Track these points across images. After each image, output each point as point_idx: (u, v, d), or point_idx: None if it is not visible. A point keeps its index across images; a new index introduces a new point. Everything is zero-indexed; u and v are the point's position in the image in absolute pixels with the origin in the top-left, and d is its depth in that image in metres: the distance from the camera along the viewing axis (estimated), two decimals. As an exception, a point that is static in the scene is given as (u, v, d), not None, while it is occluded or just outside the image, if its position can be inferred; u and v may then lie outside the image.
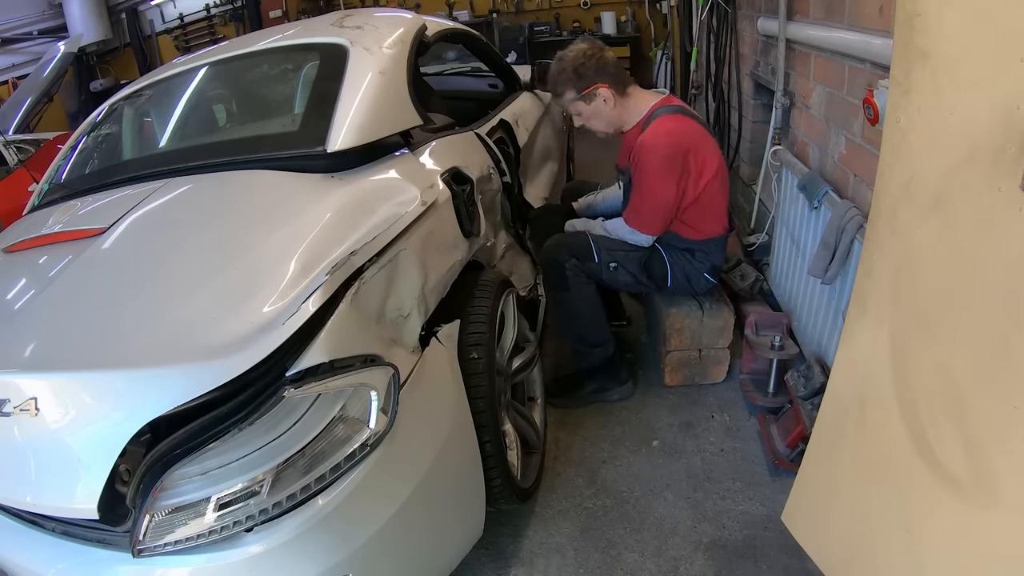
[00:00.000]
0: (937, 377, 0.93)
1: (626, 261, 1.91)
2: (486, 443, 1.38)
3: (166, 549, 0.96)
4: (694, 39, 3.57)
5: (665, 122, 1.78)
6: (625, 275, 1.92)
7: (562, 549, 1.59)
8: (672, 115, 1.81)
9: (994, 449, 0.83)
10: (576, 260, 1.90)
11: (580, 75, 1.81)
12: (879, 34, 1.57)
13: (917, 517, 0.97)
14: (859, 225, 1.56)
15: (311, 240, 1.15)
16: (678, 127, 1.79)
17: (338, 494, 1.02)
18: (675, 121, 1.79)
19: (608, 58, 1.85)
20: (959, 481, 0.88)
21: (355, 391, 1.05)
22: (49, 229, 1.45)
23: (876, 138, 1.57)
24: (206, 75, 1.91)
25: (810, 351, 1.92)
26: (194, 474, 0.96)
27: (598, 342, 2.00)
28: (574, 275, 1.90)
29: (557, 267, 1.91)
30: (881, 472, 1.05)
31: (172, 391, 0.94)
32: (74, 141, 1.94)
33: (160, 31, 6.80)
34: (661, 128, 1.77)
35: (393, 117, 1.57)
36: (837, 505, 1.19)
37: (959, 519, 0.89)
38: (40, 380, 0.99)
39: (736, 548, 1.53)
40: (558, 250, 1.93)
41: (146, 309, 1.08)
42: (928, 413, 0.94)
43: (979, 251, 0.86)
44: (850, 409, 1.13)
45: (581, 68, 1.81)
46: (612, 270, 1.91)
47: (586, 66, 1.80)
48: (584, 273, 1.90)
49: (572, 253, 1.90)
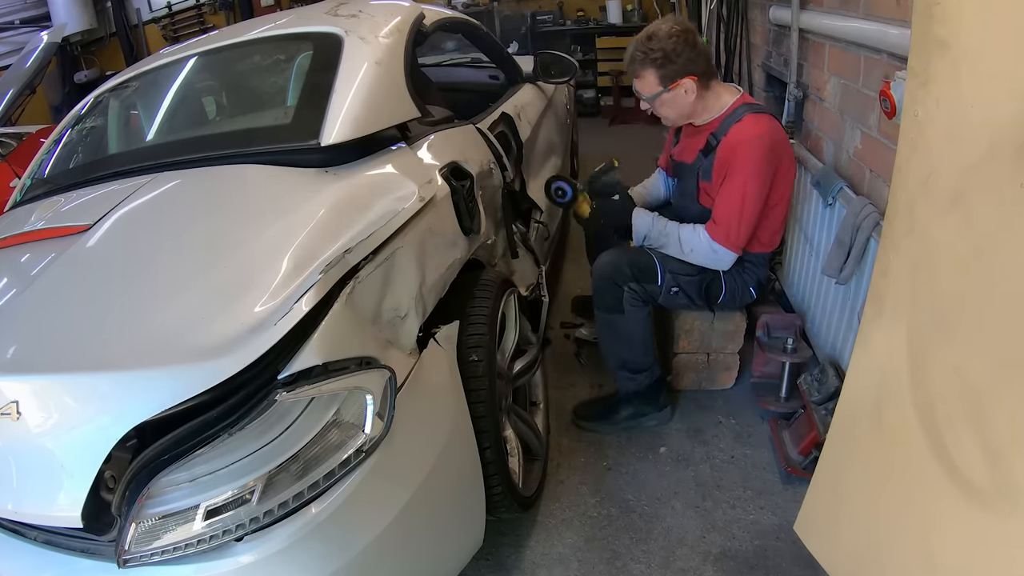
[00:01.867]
0: (956, 380, 0.90)
1: (689, 286, 1.80)
2: (486, 449, 1.35)
3: (153, 559, 0.93)
4: (703, 29, 3.54)
5: (760, 122, 1.67)
6: (683, 298, 1.83)
7: (565, 560, 1.55)
8: (760, 115, 1.70)
9: (1015, 455, 0.81)
10: (637, 283, 1.77)
11: (670, 60, 1.64)
12: (896, 23, 1.54)
13: (934, 526, 0.94)
14: (875, 222, 1.53)
15: (304, 237, 1.12)
16: (772, 129, 1.68)
17: (332, 502, 0.99)
18: (768, 122, 1.69)
19: (702, 46, 1.69)
20: (978, 488, 0.86)
21: (350, 395, 1.02)
22: (31, 226, 1.42)
23: (893, 132, 1.53)
24: (195, 66, 1.87)
25: (824, 354, 1.89)
26: (182, 481, 0.94)
27: (643, 368, 1.88)
28: (632, 297, 1.77)
29: (614, 287, 1.78)
30: (897, 479, 1.03)
31: (159, 394, 0.91)
32: (57, 135, 1.90)
33: (147, 20, 6.70)
34: (756, 128, 1.66)
35: (390, 109, 1.53)
36: (852, 514, 1.17)
37: (978, 527, 0.86)
38: (22, 383, 0.96)
39: (747, 559, 1.50)
40: (618, 270, 1.78)
41: (132, 309, 1.05)
42: (946, 418, 0.92)
43: (1000, 250, 0.84)
44: (866, 414, 1.11)
45: (673, 54, 1.63)
46: (673, 295, 1.81)
47: (679, 52, 1.63)
48: (642, 297, 1.79)
49: (635, 275, 1.77)
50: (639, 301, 1.80)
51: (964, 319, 0.90)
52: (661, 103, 1.74)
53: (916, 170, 0.98)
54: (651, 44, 1.66)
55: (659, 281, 1.79)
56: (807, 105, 2.31)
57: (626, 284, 1.78)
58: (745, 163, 1.65)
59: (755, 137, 1.65)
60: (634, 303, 1.80)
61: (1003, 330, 0.83)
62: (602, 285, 1.81)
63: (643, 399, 1.94)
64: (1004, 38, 0.81)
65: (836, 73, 2.01)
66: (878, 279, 1.09)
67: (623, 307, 1.79)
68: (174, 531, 0.94)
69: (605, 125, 5.79)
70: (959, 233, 0.90)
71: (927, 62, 0.93)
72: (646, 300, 1.81)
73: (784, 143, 1.73)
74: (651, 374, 1.91)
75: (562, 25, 6.05)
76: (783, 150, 1.72)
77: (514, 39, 5.77)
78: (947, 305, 0.93)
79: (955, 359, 0.91)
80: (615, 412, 1.97)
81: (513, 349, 1.67)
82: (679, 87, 1.69)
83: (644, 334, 1.85)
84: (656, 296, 1.82)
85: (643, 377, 1.90)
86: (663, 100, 1.73)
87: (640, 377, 1.90)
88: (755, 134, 1.66)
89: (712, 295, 1.85)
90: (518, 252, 1.96)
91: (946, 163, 0.92)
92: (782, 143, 1.72)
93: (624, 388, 1.94)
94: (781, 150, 1.70)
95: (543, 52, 2.75)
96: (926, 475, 0.95)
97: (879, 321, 1.09)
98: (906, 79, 0.99)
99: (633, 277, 1.78)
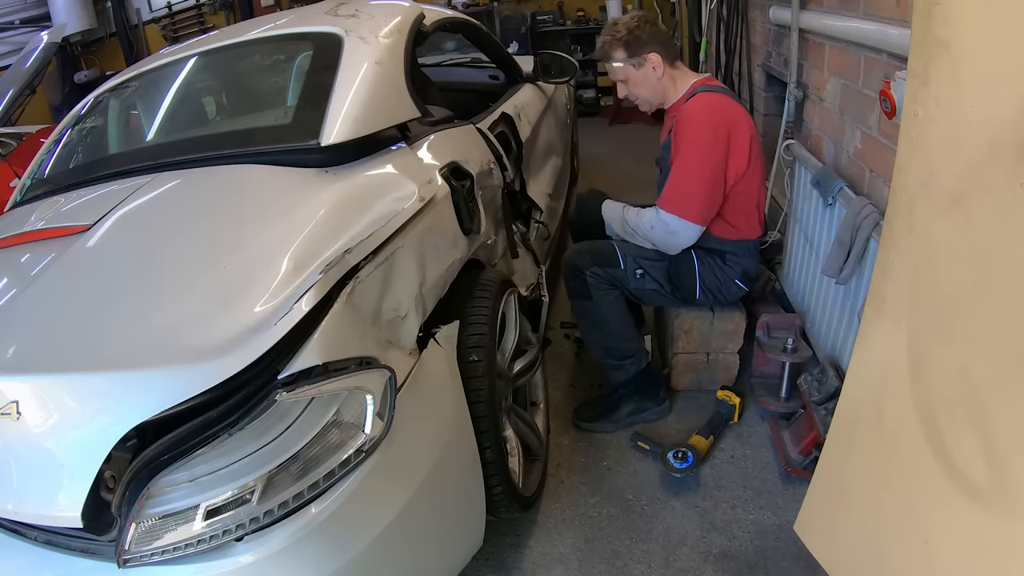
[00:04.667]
0: (957, 381, 0.90)
1: (653, 270, 1.84)
2: (486, 449, 1.35)
3: (152, 559, 0.92)
4: (703, 28, 3.53)
5: (707, 96, 1.75)
6: (652, 283, 1.85)
7: (565, 560, 1.55)
8: (711, 93, 1.76)
9: (1017, 456, 0.81)
10: (598, 267, 1.82)
11: (635, 38, 1.79)
12: (896, 23, 1.53)
13: (936, 527, 0.94)
14: (875, 222, 1.53)
15: (304, 237, 1.12)
16: (720, 102, 1.75)
17: (332, 502, 0.99)
18: (717, 97, 1.76)
19: (661, 27, 1.85)
20: (980, 489, 0.86)
21: (350, 395, 1.01)
22: (31, 226, 1.41)
23: (893, 132, 1.53)
24: (195, 66, 1.86)
25: (824, 354, 1.88)
26: (182, 481, 0.93)
27: (627, 354, 1.90)
28: (595, 281, 1.83)
29: (577, 274, 1.84)
30: (898, 480, 1.02)
31: (159, 394, 0.90)
32: (57, 135, 1.89)
33: (147, 20, 6.67)
34: (702, 100, 1.74)
35: (390, 109, 1.53)
36: (852, 514, 1.16)
37: (980, 529, 0.86)
38: (22, 383, 0.96)
39: (747, 559, 1.49)
40: (579, 256, 1.86)
41: (132, 309, 1.04)
42: (948, 418, 0.92)
43: (1001, 250, 0.83)
44: (866, 414, 1.11)
45: (636, 31, 1.79)
46: (639, 278, 1.83)
47: (640, 30, 1.79)
48: (607, 281, 1.83)
49: (594, 260, 1.84)
50: (605, 284, 1.84)
51: (964, 319, 0.90)
52: (634, 83, 1.85)
53: (916, 170, 0.97)
54: (616, 28, 1.82)
55: (621, 265, 1.84)
56: (807, 105, 2.31)
57: (588, 269, 1.83)
58: (687, 134, 1.71)
59: (700, 108, 1.72)
60: (600, 287, 1.84)
61: (1003, 330, 0.83)
62: (568, 273, 1.89)
63: (643, 395, 1.95)
64: (1004, 38, 0.81)
65: (836, 73, 2.00)
66: (878, 279, 1.09)
67: (589, 292, 1.84)
68: (174, 531, 0.93)
69: (605, 125, 5.78)
70: (959, 233, 0.90)
71: (927, 62, 0.92)
72: (612, 283, 1.85)
73: (736, 119, 1.74)
74: (637, 361, 1.91)
75: (562, 25, 6.04)
76: (734, 126, 1.73)
77: (514, 39, 5.75)
78: (947, 305, 0.93)
79: (955, 359, 0.91)
80: (616, 410, 1.97)
81: (513, 349, 1.66)
82: (647, 63, 1.80)
83: (618, 317, 1.87)
84: (625, 281, 1.85)
85: (629, 364, 1.91)
86: (635, 80, 1.84)
87: (627, 364, 1.91)
88: (700, 105, 1.73)
89: (684, 285, 1.86)
90: (518, 252, 1.96)
91: (946, 163, 0.91)
92: (732, 118, 1.73)
93: (615, 379, 1.95)
94: (731, 125, 1.72)
95: (543, 52, 2.74)
96: (926, 475, 0.95)
97: (879, 321, 1.08)
98: (906, 79, 0.99)
99: (593, 261, 1.84)
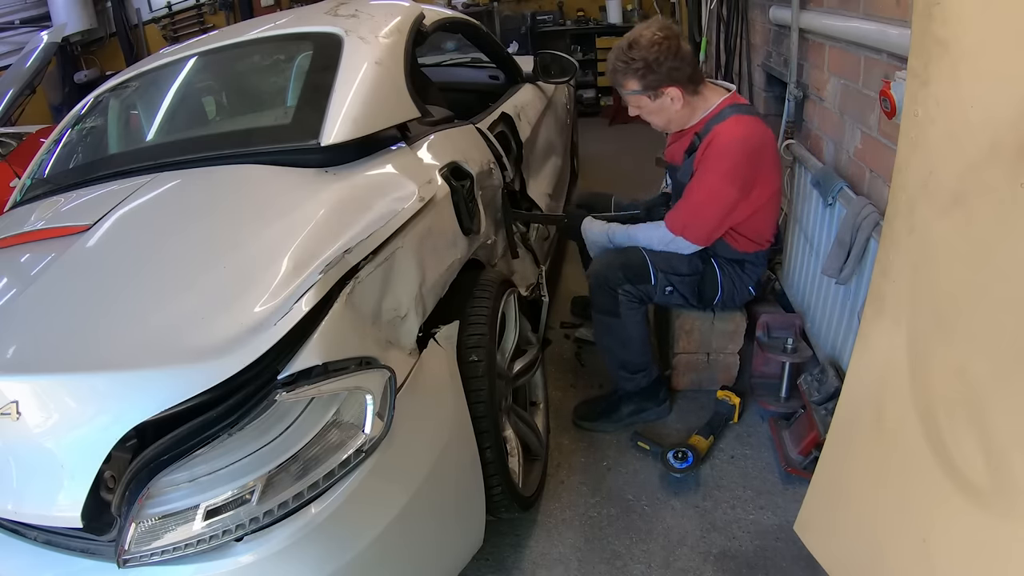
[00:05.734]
0: (957, 381, 0.90)
1: (682, 286, 1.80)
2: (486, 449, 1.35)
3: (152, 559, 0.92)
4: (703, 28, 3.53)
5: (741, 123, 1.65)
6: (678, 298, 1.83)
7: (565, 560, 1.55)
8: (745, 116, 1.68)
9: (1016, 456, 0.81)
10: (631, 284, 1.77)
11: (652, 70, 1.61)
12: (896, 23, 1.53)
13: (935, 527, 0.94)
14: (875, 222, 1.53)
15: (304, 237, 1.12)
16: (755, 131, 1.66)
17: (332, 502, 0.99)
18: (751, 124, 1.67)
19: (685, 52, 1.63)
20: (979, 489, 0.86)
21: (350, 395, 1.01)
22: (31, 226, 1.41)
23: (893, 132, 1.52)
24: (195, 66, 1.86)
25: (824, 354, 1.88)
26: (182, 481, 0.93)
27: (641, 368, 1.89)
28: (627, 299, 1.77)
29: (609, 291, 1.78)
30: (898, 480, 1.02)
31: (159, 394, 0.90)
32: (57, 135, 1.89)
33: (147, 20, 6.67)
34: (738, 130, 1.64)
35: (389, 109, 1.53)
36: (852, 514, 1.16)
37: (979, 529, 0.86)
38: (22, 382, 0.96)
39: (747, 559, 1.49)
40: (611, 271, 1.78)
41: (132, 309, 1.04)
42: (947, 418, 0.92)
43: (1001, 250, 0.83)
44: (866, 414, 1.11)
45: (655, 64, 1.59)
46: (667, 294, 1.81)
47: (660, 62, 1.59)
48: (637, 298, 1.79)
49: (627, 276, 1.76)
50: (635, 302, 1.80)
51: (964, 319, 0.90)
52: (648, 112, 1.73)
53: (916, 170, 0.97)
54: (632, 53, 1.62)
55: (652, 280, 1.79)
56: (807, 105, 2.30)
57: (620, 287, 1.78)
58: (719, 161, 1.63)
59: (736, 140, 1.63)
60: (630, 305, 1.79)
61: (1003, 330, 0.83)
62: (597, 289, 1.81)
63: (644, 396, 1.95)
64: (1004, 38, 0.81)
65: (836, 73, 2.00)
66: (878, 279, 1.08)
67: (619, 310, 1.79)
68: (174, 531, 0.93)
69: (605, 125, 5.78)
70: (959, 233, 0.90)
71: (927, 62, 0.92)
72: (642, 300, 1.82)
73: (768, 145, 1.71)
74: (648, 374, 1.91)
75: (562, 25, 6.04)
76: (766, 152, 1.70)
77: (514, 39, 5.75)
78: (947, 305, 0.93)
79: (955, 359, 0.91)
80: (616, 410, 1.97)
81: (513, 349, 1.66)
82: (664, 95, 1.67)
83: (641, 336, 1.85)
84: (652, 296, 1.82)
85: (641, 377, 1.91)
86: (649, 109, 1.72)
87: (638, 377, 1.91)
88: (736, 136, 1.63)
89: (707, 295, 1.86)
90: (518, 252, 1.96)
91: (946, 163, 0.91)
92: (766, 145, 1.70)
93: (623, 387, 1.94)
94: (764, 153, 1.69)
95: (543, 52, 2.75)
96: (926, 475, 0.95)
97: (879, 321, 1.08)
98: (906, 79, 0.98)
99: (626, 279, 1.78)
